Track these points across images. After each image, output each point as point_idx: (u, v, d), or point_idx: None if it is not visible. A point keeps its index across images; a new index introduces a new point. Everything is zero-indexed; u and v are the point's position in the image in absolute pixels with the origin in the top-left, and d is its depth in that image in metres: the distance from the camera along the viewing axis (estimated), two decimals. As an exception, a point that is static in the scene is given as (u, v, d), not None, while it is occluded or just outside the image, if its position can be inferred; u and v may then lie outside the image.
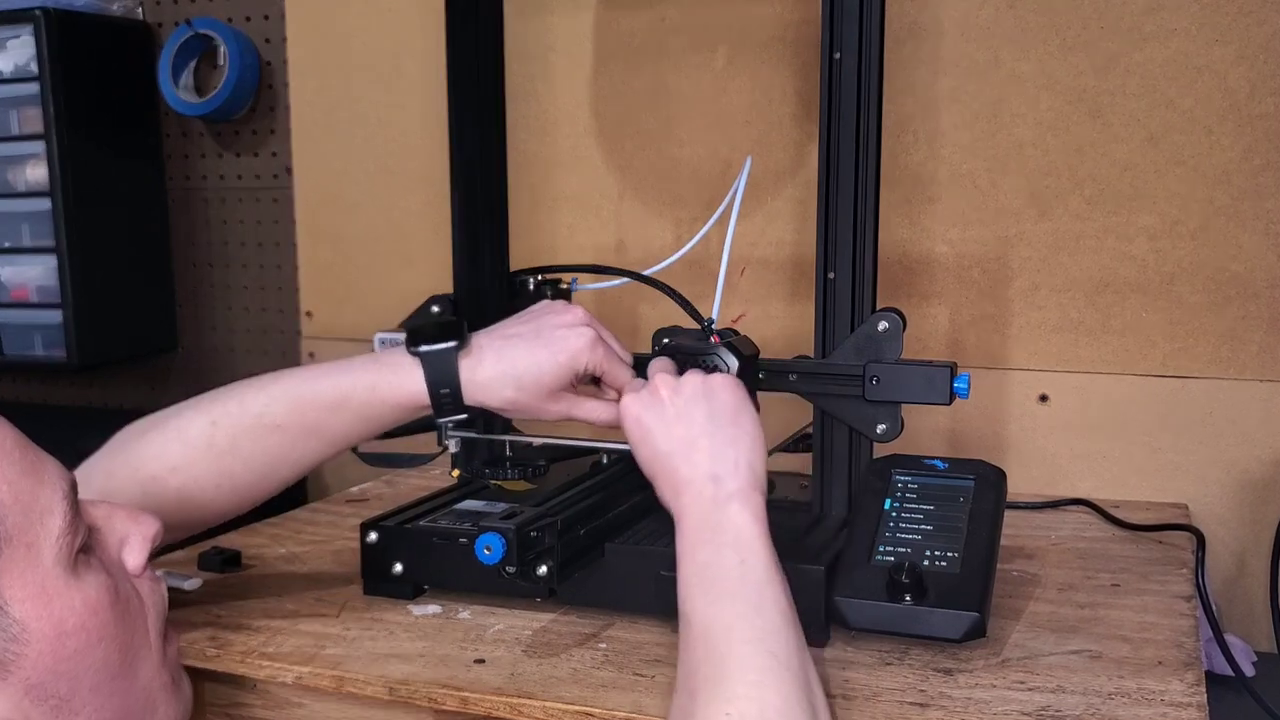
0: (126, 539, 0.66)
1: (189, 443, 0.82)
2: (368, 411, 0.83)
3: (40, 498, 0.59)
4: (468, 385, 0.82)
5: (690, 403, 0.78)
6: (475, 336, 0.84)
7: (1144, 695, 0.71)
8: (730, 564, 0.70)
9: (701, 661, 0.65)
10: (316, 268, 1.54)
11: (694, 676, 0.65)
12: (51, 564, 0.59)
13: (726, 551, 0.70)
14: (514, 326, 0.85)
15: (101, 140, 1.57)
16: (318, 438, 0.83)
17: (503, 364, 0.82)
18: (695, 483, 0.74)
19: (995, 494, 0.83)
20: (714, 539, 0.71)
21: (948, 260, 1.22)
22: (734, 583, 0.69)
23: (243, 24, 1.59)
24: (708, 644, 0.66)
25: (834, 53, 0.86)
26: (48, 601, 0.59)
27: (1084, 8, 1.15)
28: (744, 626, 0.66)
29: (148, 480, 0.81)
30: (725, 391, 0.79)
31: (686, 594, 0.70)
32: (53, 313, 1.55)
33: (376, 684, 0.75)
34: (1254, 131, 1.11)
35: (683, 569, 0.71)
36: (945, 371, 0.85)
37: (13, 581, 0.58)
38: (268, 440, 0.82)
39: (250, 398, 0.83)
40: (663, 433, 0.77)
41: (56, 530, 0.59)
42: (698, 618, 0.68)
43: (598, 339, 0.84)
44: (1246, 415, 1.13)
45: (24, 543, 0.58)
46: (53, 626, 0.59)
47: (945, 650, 0.78)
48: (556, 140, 1.38)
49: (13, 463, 0.59)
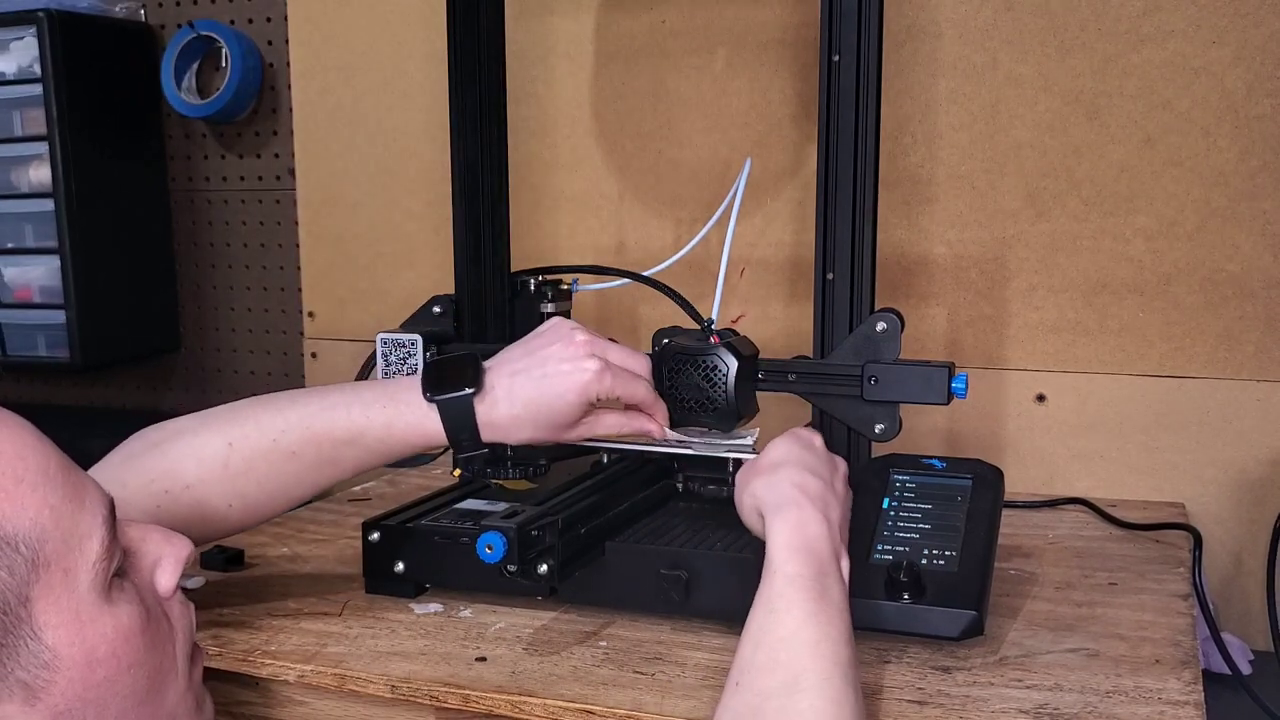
0: (160, 561, 0.66)
1: (204, 461, 0.82)
2: (382, 448, 0.84)
3: (81, 523, 0.59)
4: (485, 428, 0.83)
5: (833, 469, 0.81)
6: (487, 375, 0.84)
7: (1141, 693, 0.71)
8: (838, 591, 0.70)
9: (783, 665, 0.65)
10: (318, 268, 1.54)
11: (768, 675, 0.64)
12: (86, 590, 0.58)
13: (836, 581, 0.71)
14: (520, 359, 0.84)
15: (104, 141, 1.58)
16: (333, 466, 0.84)
17: (515, 406, 0.82)
18: (822, 504, 0.75)
19: (993, 493, 0.84)
20: (832, 561, 0.72)
21: (946, 261, 1.22)
22: (837, 609, 0.69)
23: (245, 26, 1.60)
24: (793, 650, 0.65)
25: (833, 55, 0.87)
26: (81, 628, 0.58)
27: (1081, 10, 1.15)
28: (833, 648, 0.66)
29: (161, 494, 0.81)
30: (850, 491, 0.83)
31: (785, 591, 0.69)
32: (56, 313, 1.56)
33: (378, 682, 0.76)
34: (1251, 133, 1.11)
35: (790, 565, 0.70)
36: (943, 371, 0.86)
37: (48, 607, 0.57)
38: (283, 466, 0.83)
39: (267, 421, 0.83)
40: (812, 456, 0.80)
41: (94, 555, 0.59)
42: (792, 620, 0.67)
43: (604, 368, 0.83)
44: (1243, 415, 1.14)
45: (61, 568, 0.57)
46: (84, 654, 0.58)
47: (943, 648, 0.78)
48: (557, 141, 1.38)
49: (55, 486, 0.58)
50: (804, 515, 0.73)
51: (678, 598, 0.82)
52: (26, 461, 0.58)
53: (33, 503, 0.57)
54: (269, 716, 0.82)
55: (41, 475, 0.58)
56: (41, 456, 0.58)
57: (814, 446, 0.81)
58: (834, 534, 0.74)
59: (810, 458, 0.79)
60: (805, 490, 0.75)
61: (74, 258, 1.54)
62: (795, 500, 0.74)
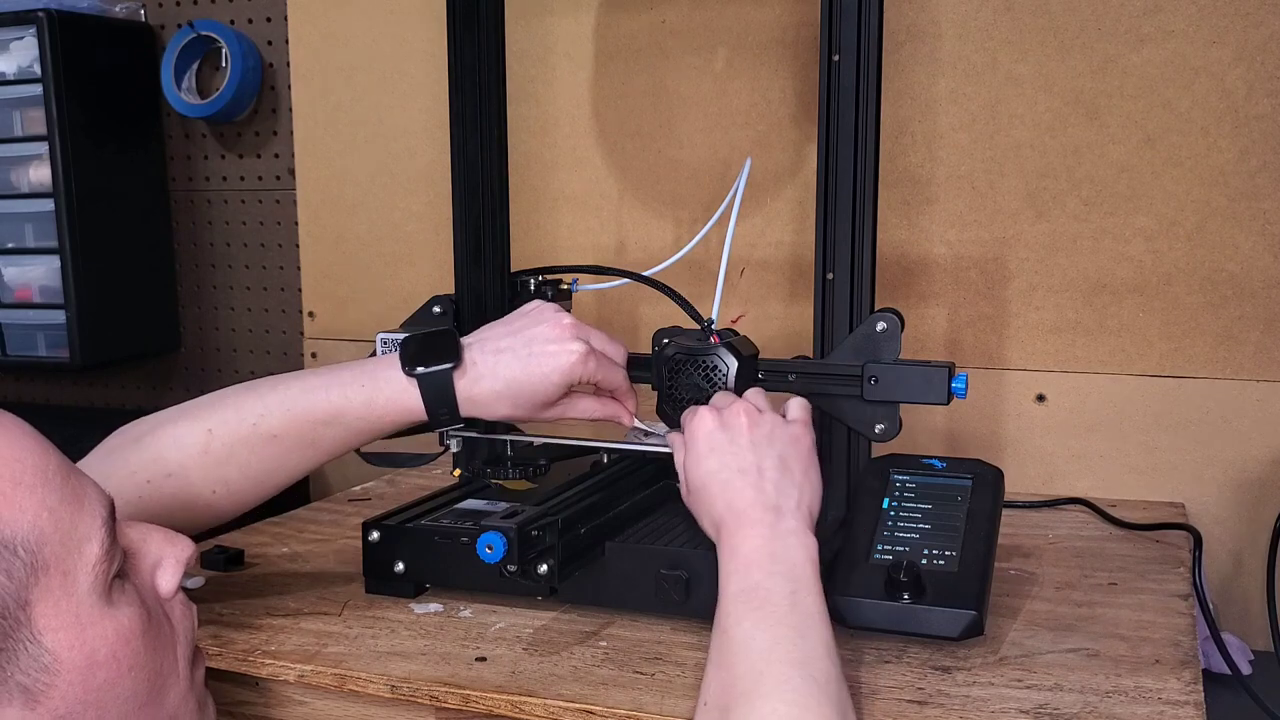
0: (160, 562, 0.65)
1: (185, 449, 0.83)
2: (362, 426, 0.84)
3: (80, 525, 0.58)
4: (464, 403, 0.84)
5: (768, 438, 0.79)
6: (468, 351, 0.84)
7: (1141, 693, 0.71)
8: (782, 591, 0.69)
9: (740, 677, 0.65)
10: (318, 268, 1.54)
11: (728, 691, 0.64)
12: (86, 592, 0.58)
13: (779, 580, 0.70)
14: (504, 338, 0.85)
15: (104, 141, 1.58)
16: (313, 448, 0.85)
17: (497, 383, 0.83)
18: (757, 509, 0.74)
19: (993, 493, 0.84)
20: (769, 565, 0.71)
21: (946, 261, 1.22)
22: (783, 609, 0.68)
23: (245, 26, 1.60)
24: (748, 660, 0.65)
25: (833, 55, 0.87)
26: (81, 631, 0.57)
27: (1081, 10, 1.15)
28: (787, 648, 0.66)
29: (144, 485, 0.81)
30: (803, 441, 0.80)
31: (730, 609, 0.69)
32: (56, 313, 1.56)
33: (378, 682, 0.76)
34: (1251, 133, 1.11)
35: (729, 586, 0.71)
36: (943, 371, 0.86)
37: (47, 610, 0.56)
38: (264, 450, 0.83)
39: (247, 406, 0.84)
40: (733, 454, 0.78)
41: (93, 558, 0.58)
42: (740, 633, 0.67)
43: (588, 352, 0.84)
44: (1243, 415, 1.14)
45: (60, 571, 0.57)
46: (84, 657, 0.57)
47: (943, 648, 0.78)
48: (557, 141, 1.38)
49: (54, 489, 0.58)
50: (734, 539, 0.73)
51: (678, 598, 0.82)
52: (25, 463, 0.57)
53: (31, 505, 0.56)
54: (269, 716, 0.82)
55: (40, 477, 0.57)
56: (40, 458, 0.58)
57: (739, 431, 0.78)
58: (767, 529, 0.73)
59: (730, 446, 0.78)
60: (731, 504, 0.75)
61: (74, 258, 1.54)
62: (722, 521, 0.75)
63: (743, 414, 0.80)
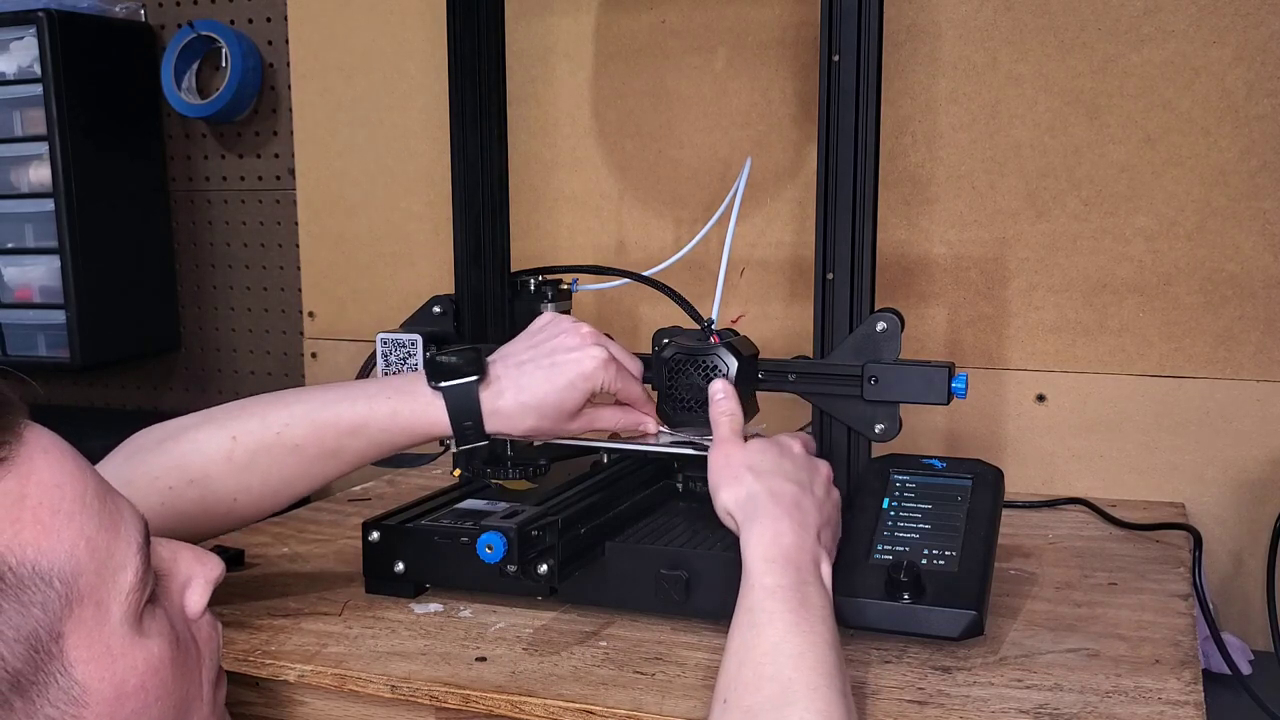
0: (190, 582, 0.65)
1: (209, 456, 0.82)
2: (385, 438, 0.85)
3: (116, 553, 0.57)
4: (489, 417, 0.84)
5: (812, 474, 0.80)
6: (491, 366, 0.85)
7: (1141, 693, 0.71)
8: (817, 603, 0.70)
9: (768, 680, 0.64)
10: (318, 268, 1.54)
11: (753, 692, 0.64)
12: (119, 623, 0.57)
13: (815, 592, 0.70)
14: (525, 351, 0.86)
15: (104, 141, 1.58)
16: (335, 459, 0.85)
17: (523, 395, 0.84)
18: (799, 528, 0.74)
19: (993, 493, 0.84)
20: (812, 568, 0.72)
21: (946, 261, 1.22)
22: (817, 620, 0.68)
23: (245, 26, 1.60)
24: (775, 664, 0.65)
25: (833, 54, 0.87)
26: (112, 662, 0.56)
27: (1081, 10, 1.15)
28: (815, 658, 0.65)
29: (166, 490, 0.81)
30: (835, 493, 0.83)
31: (766, 604, 0.69)
32: (56, 313, 1.56)
33: (378, 682, 0.76)
34: (1251, 133, 1.11)
35: (767, 578, 0.70)
36: (943, 371, 0.86)
37: (79, 642, 0.55)
38: (286, 459, 0.83)
39: (271, 416, 0.84)
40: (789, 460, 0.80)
41: (128, 586, 0.57)
42: (774, 633, 0.67)
43: (609, 358, 0.85)
44: (1243, 415, 1.14)
45: (94, 601, 0.56)
46: (114, 689, 0.56)
47: (943, 648, 0.78)
48: (557, 141, 1.38)
49: (92, 515, 0.56)
50: (779, 525, 0.73)
51: (678, 598, 0.82)
52: (64, 490, 0.56)
53: (69, 535, 0.55)
54: (269, 716, 0.82)
55: (79, 504, 0.56)
56: (80, 483, 0.57)
57: (791, 452, 0.81)
58: (811, 540, 0.74)
59: (786, 463, 0.79)
60: (778, 498, 0.75)
61: (74, 258, 1.54)
62: (768, 510, 0.74)
63: (795, 446, 0.82)
